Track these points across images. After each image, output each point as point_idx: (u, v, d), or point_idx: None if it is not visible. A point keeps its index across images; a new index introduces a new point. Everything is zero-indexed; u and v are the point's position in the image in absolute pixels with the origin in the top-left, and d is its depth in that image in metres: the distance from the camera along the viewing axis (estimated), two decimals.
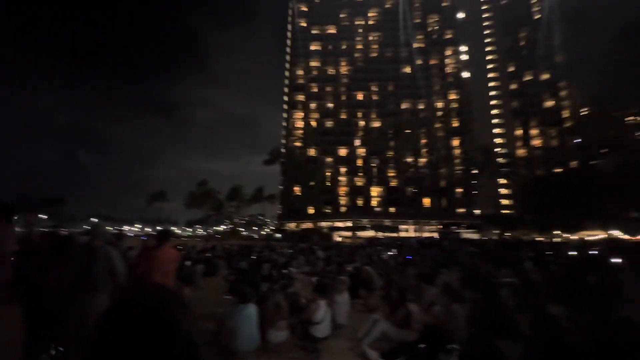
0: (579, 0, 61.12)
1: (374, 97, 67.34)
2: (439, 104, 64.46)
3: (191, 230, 79.13)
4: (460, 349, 3.13)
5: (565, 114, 65.88)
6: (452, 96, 65.29)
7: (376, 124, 64.66)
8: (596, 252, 16.40)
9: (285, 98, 70.91)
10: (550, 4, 69.52)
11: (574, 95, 66.11)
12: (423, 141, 59.85)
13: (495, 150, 65.03)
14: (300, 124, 67.17)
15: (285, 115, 69.83)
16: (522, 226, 43.93)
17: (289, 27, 73.43)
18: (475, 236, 44.98)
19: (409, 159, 59.68)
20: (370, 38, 71.04)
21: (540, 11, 72.21)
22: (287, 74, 71.63)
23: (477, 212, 56.92)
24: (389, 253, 16.51)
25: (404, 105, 65.00)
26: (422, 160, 59.58)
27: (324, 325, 4.47)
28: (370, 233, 50.26)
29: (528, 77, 70.06)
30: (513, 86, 70.66)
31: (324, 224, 57.28)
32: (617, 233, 32.24)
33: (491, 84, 73.14)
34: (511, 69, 71.46)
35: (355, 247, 23.09)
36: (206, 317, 5.33)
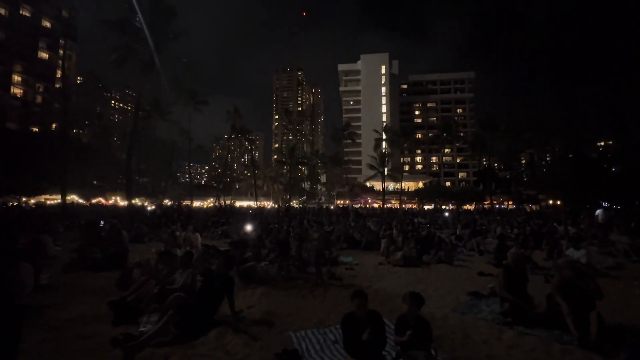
0: None
1: None
2: None
3: None
4: None
5: (59, 73, 62.70)
6: None
7: None
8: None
9: None
10: None
11: (70, 59, 65.02)
12: None
13: None
14: None
15: None
16: None
17: None
18: None
19: None
20: None
21: None
22: None
23: None
24: None
25: None
26: None
27: None
28: None
29: (25, 12, 58.54)
30: (1, 10, 55.45)
31: None
32: (75, 197, 35.66)
33: None
34: None
35: None
36: None
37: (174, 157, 61.64)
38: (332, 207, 42.65)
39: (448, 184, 77.89)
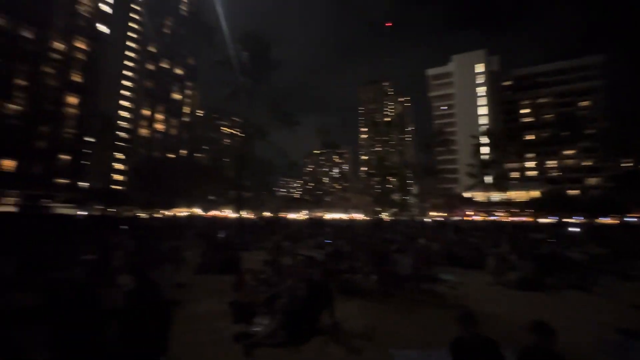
0: (214, 16, 75.00)
1: None
2: (59, 45, 50.39)
3: None
4: None
5: (187, 110, 77.26)
6: (80, 44, 53.73)
7: None
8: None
9: None
10: (192, 9, 79.34)
11: (195, 96, 79.53)
12: (18, 81, 43.55)
13: (119, 123, 62.04)
14: None
15: None
16: (129, 203, 44.89)
17: None
18: (71, 211, 39.31)
19: None
20: None
21: (188, 13, 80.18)
22: None
23: (85, 184, 50.33)
24: None
25: None
26: (12, 106, 43.03)
27: None
28: None
29: (165, 65, 74.50)
30: (150, 67, 71.78)
31: None
32: (197, 210, 42.93)
33: (129, 53, 69.35)
34: (152, 49, 72.32)
35: None
36: None
37: (271, 173, 67.93)
38: (427, 220, 40.10)
39: (573, 192, 64.46)
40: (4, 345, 2.45)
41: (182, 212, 39.14)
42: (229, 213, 50.00)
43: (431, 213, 60.23)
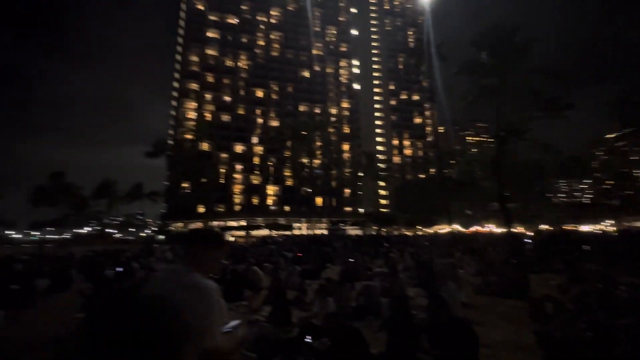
0: (439, 36, 75.62)
1: (273, 96, 67.53)
2: (333, 110, 69.46)
3: (39, 233, 62.62)
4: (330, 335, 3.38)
5: (428, 130, 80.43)
6: (345, 104, 71.40)
7: (274, 123, 64.97)
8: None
9: (176, 85, 63.95)
10: (419, 37, 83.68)
11: (434, 115, 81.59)
12: (317, 143, 63.43)
13: (377, 156, 74.26)
14: (192, 114, 61.65)
15: (174, 104, 62.91)
16: (394, 223, 51.63)
17: (183, 7, 66.67)
18: (358, 232, 50.37)
19: (305, 160, 62.23)
20: (272, 37, 70.99)
21: (414, 42, 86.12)
22: (178, 58, 64.80)
23: (361, 210, 63.79)
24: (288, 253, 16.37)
25: (301, 108, 67.37)
26: (316, 161, 63.06)
27: None
28: (264, 232, 50.07)
29: (404, 96, 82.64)
30: (392, 102, 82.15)
31: (215, 223, 54.14)
32: (457, 227, 41.94)
33: (376, 97, 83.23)
34: (391, 87, 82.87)
35: (246, 247, 22.54)
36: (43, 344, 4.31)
37: (541, 177, 55.29)
38: None
39: None
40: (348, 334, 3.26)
41: (443, 228, 39.73)
42: (492, 228, 45.11)
43: None
